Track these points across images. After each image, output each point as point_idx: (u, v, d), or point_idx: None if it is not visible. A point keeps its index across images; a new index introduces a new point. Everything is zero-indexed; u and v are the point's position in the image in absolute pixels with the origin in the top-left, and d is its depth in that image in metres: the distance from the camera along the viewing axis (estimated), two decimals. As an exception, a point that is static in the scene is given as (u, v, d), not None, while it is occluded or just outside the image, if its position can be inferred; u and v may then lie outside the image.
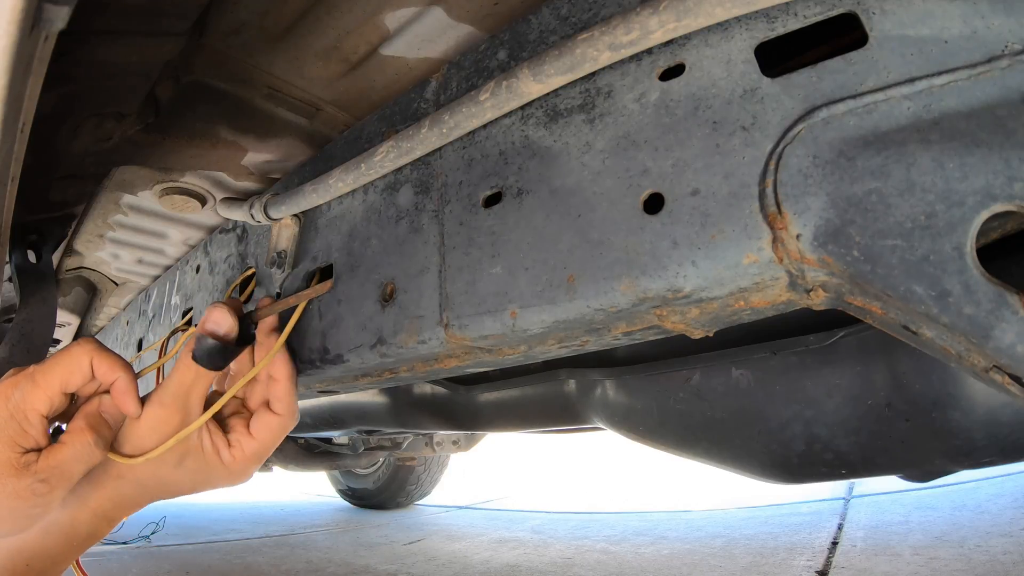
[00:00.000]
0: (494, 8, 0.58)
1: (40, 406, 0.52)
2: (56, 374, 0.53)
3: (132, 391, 0.57)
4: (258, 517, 3.44)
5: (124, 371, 0.56)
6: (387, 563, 2.05)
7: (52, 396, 0.52)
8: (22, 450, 0.50)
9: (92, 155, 0.77)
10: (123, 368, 0.56)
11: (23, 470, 0.50)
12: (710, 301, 0.44)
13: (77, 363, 0.54)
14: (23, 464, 0.50)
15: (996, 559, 1.39)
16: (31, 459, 0.51)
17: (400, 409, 1.45)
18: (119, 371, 0.56)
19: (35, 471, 0.50)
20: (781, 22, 0.41)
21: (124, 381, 0.56)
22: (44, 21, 0.35)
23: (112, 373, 0.56)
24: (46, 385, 0.52)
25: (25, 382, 0.52)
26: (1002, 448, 0.66)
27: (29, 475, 0.50)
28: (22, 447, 0.51)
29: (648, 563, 1.81)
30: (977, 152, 0.33)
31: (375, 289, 0.65)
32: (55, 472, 0.51)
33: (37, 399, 0.52)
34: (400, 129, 0.66)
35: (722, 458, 0.89)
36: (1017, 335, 0.31)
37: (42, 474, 0.51)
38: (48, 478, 0.51)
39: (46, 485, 0.51)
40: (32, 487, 0.50)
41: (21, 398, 0.51)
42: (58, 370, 0.53)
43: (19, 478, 0.50)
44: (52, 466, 0.51)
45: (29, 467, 0.50)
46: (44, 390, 0.52)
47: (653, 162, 0.45)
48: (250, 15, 0.60)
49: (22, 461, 0.50)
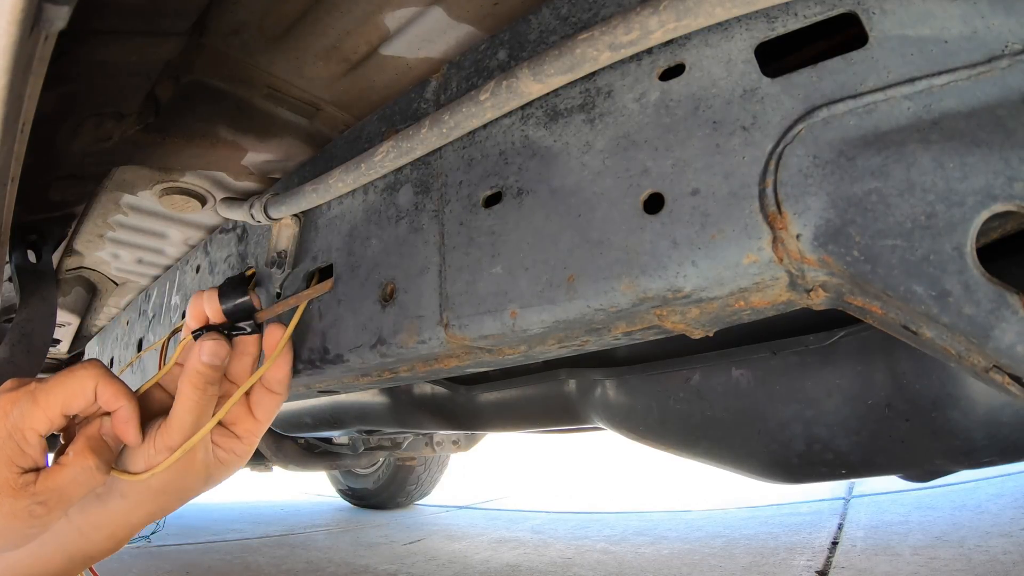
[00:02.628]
0: (494, 8, 0.58)
1: (39, 426, 0.50)
2: (58, 396, 0.51)
3: (134, 421, 0.55)
4: (258, 517, 3.44)
5: (127, 400, 0.55)
6: (387, 563, 2.05)
7: (52, 417, 0.51)
8: (20, 470, 0.49)
9: (92, 155, 0.77)
10: (126, 397, 0.55)
11: (21, 491, 0.49)
12: (710, 301, 0.44)
13: (81, 387, 0.52)
14: (21, 485, 0.49)
15: (996, 559, 1.39)
16: (29, 480, 0.50)
17: (400, 409, 1.45)
18: (122, 400, 0.54)
19: (33, 492, 0.49)
20: (781, 22, 0.41)
21: (127, 411, 0.55)
22: (44, 21, 0.35)
23: (115, 402, 0.54)
24: (47, 406, 0.51)
25: (25, 399, 0.50)
26: (1002, 448, 0.66)
27: (27, 496, 0.49)
28: (20, 467, 0.49)
29: (648, 563, 1.81)
30: (977, 152, 0.33)
31: (375, 289, 0.65)
32: (54, 495, 0.50)
33: (36, 419, 0.50)
34: (400, 129, 0.66)
35: (722, 458, 0.88)
36: (1017, 335, 0.31)
37: (40, 496, 0.50)
38: (46, 500, 0.50)
39: (44, 507, 0.50)
40: (30, 508, 0.49)
41: (20, 416, 0.50)
42: (61, 392, 0.52)
43: (16, 499, 0.49)
44: (51, 489, 0.50)
45: (27, 488, 0.49)
46: (44, 411, 0.51)
47: (653, 162, 0.45)
48: (250, 15, 0.60)
49: (20, 482, 0.49)
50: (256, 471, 2.87)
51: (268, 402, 0.66)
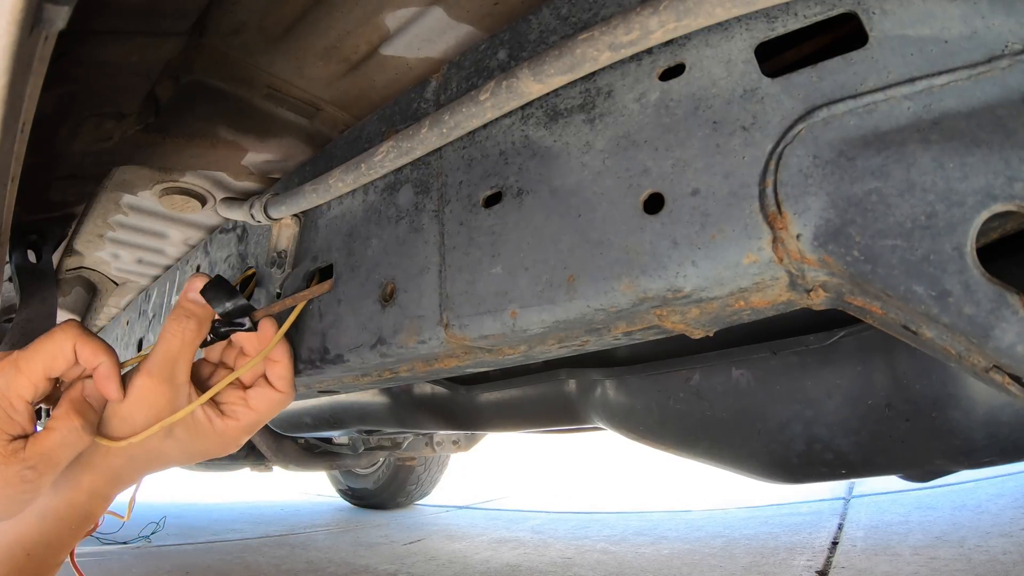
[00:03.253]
0: (494, 8, 0.58)
1: (25, 392, 0.52)
2: (39, 360, 0.53)
3: (115, 376, 0.57)
4: (258, 517, 3.44)
5: (107, 355, 0.56)
6: (387, 563, 2.05)
7: (36, 382, 0.52)
8: (9, 437, 0.51)
9: (92, 155, 0.77)
10: (106, 352, 0.56)
11: (10, 457, 0.50)
12: (710, 301, 0.44)
13: (60, 348, 0.54)
14: (10, 452, 0.50)
15: (996, 559, 1.39)
16: (18, 446, 0.51)
17: (400, 409, 1.45)
18: (102, 356, 0.56)
19: (23, 458, 0.50)
20: (781, 22, 0.41)
21: (106, 366, 0.56)
22: (44, 21, 0.35)
23: (95, 358, 0.55)
24: (29, 371, 0.52)
25: (8, 368, 0.52)
26: (1002, 448, 0.66)
27: (17, 462, 0.50)
28: (9, 434, 0.51)
29: (648, 563, 1.81)
30: (977, 152, 0.33)
31: (375, 289, 0.65)
32: (43, 459, 0.51)
33: (21, 386, 0.52)
34: (400, 129, 0.66)
35: (722, 458, 0.88)
36: (1017, 335, 0.31)
37: (30, 461, 0.51)
38: (36, 465, 0.51)
39: (34, 472, 0.51)
40: (21, 474, 0.50)
41: (5, 385, 0.51)
42: (41, 355, 0.53)
43: (7, 465, 0.50)
44: (40, 453, 0.51)
45: (16, 454, 0.50)
46: (28, 376, 0.52)
47: (653, 162, 0.45)
48: (250, 15, 0.60)
49: (9, 448, 0.50)
50: (256, 471, 2.87)
51: (269, 395, 0.67)
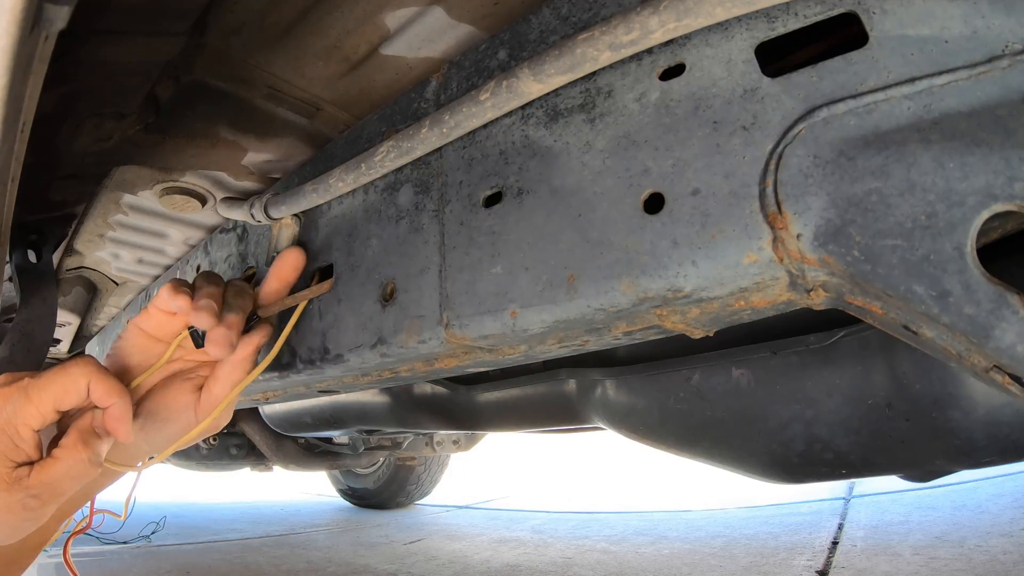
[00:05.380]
0: (494, 8, 0.58)
1: (32, 422, 0.51)
2: (51, 392, 0.51)
3: (127, 418, 0.55)
4: (258, 517, 3.44)
5: (120, 396, 0.55)
6: (387, 563, 2.05)
7: (45, 413, 0.51)
8: (13, 464, 0.50)
9: (92, 155, 0.77)
10: (119, 393, 0.55)
11: (14, 484, 0.49)
12: (710, 301, 0.44)
13: (74, 383, 0.52)
14: (14, 479, 0.49)
15: (996, 559, 1.39)
16: (23, 473, 0.50)
17: (400, 409, 1.45)
18: (115, 397, 0.54)
19: (27, 486, 0.50)
20: (781, 22, 0.41)
21: (119, 407, 0.55)
22: (44, 21, 0.35)
23: (108, 398, 0.54)
24: (39, 401, 0.51)
25: (18, 395, 0.51)
26: (1002, 448, 0.66)
27: (20, 490, 0.49)
28: (14, 461, 0.50)
29: (648, 563, 1.81)
30: (977, 152, 0.33)
31: (375, 289, 0.65)
32: (47, 488, 0.51)
33: (29, 415, 0.50)
34: (400, 129, 0.66)
35: (722, 458, 0.89)
36: (1017, 335, 0.31)
37: (34, 490, 0.50)
38: (40, 494, 0.50)
39: (38, 500, 0.50)
40: (23, 502, 0.50)
41: (13, 412, 0.50)
42: (53, 388, 0.52)
43: (10, 492, 0.49)
44: (44, 482, 0.50)
45: (20, 482, 0.49)
46: (37, 406, 0.51)
47: (653, 162, 0.45)
48: (250, 15, 0.60)
49: (13, 476, 0.49)
50: (256, 471, 2.87)
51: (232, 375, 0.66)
